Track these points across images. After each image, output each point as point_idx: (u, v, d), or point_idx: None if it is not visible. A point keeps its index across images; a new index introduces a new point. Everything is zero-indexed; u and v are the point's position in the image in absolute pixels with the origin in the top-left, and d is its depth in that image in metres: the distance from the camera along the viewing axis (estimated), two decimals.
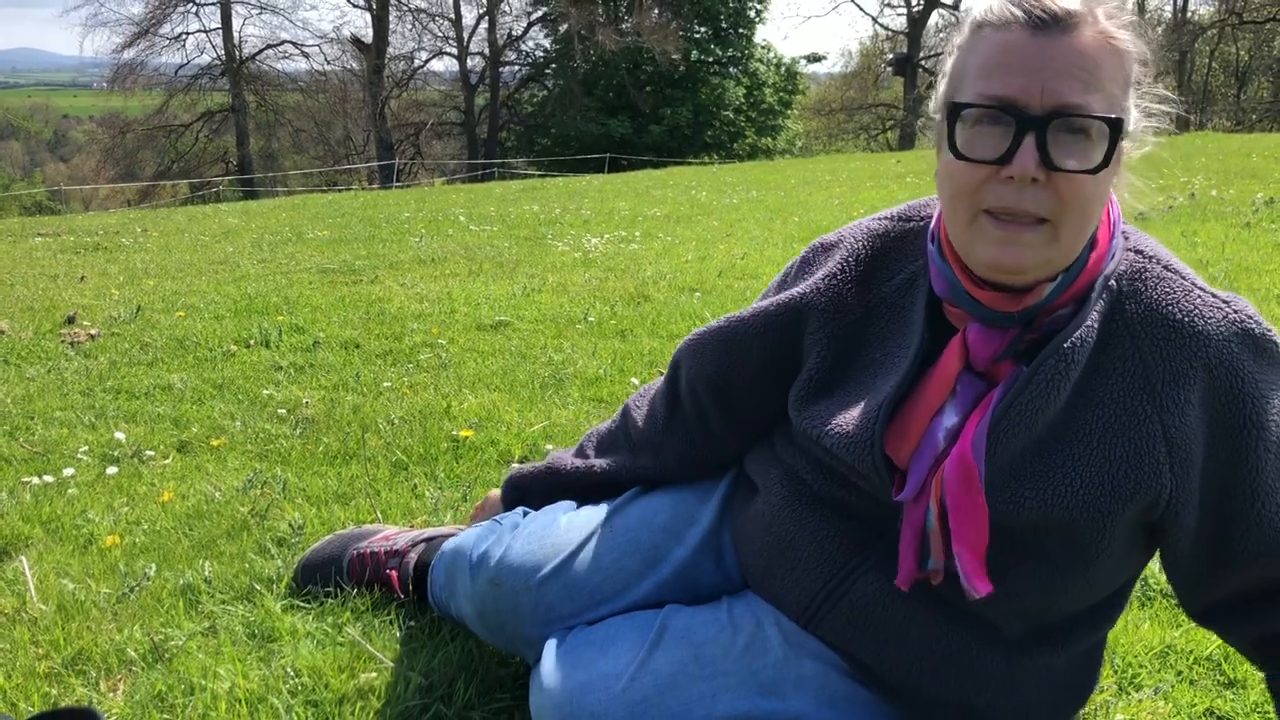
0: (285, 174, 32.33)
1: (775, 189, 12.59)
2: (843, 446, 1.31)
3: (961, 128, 1.14)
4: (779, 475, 1.47)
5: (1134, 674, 1.67)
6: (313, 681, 1.65)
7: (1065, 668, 1.36)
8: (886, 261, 1.39)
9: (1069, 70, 1.09)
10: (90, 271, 6.85)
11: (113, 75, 34.31)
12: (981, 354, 1.22)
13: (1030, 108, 1.10)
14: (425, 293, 5.37)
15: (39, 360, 4.10)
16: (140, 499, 2.54)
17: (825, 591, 1.37)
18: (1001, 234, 1.13)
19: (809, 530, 1.40)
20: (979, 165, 1.13)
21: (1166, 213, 7.53)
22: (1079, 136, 1.10)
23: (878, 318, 1.37)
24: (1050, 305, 1.20)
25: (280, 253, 7.67)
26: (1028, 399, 1.19)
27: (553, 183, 17.30)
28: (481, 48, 37.24)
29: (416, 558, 1.88)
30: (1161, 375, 1.18)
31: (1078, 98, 1.09)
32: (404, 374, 3.71)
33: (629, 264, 6.30)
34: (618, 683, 1.33)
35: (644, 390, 1.77)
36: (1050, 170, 1.10)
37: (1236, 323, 1.19)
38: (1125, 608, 1.43)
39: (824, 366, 1.39)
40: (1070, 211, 1.12)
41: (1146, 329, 1.19)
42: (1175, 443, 1.18)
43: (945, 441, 1.23)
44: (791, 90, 38.33)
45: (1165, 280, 1.22)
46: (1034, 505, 1.20)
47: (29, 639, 1.83)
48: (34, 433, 3.11)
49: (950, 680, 1.32)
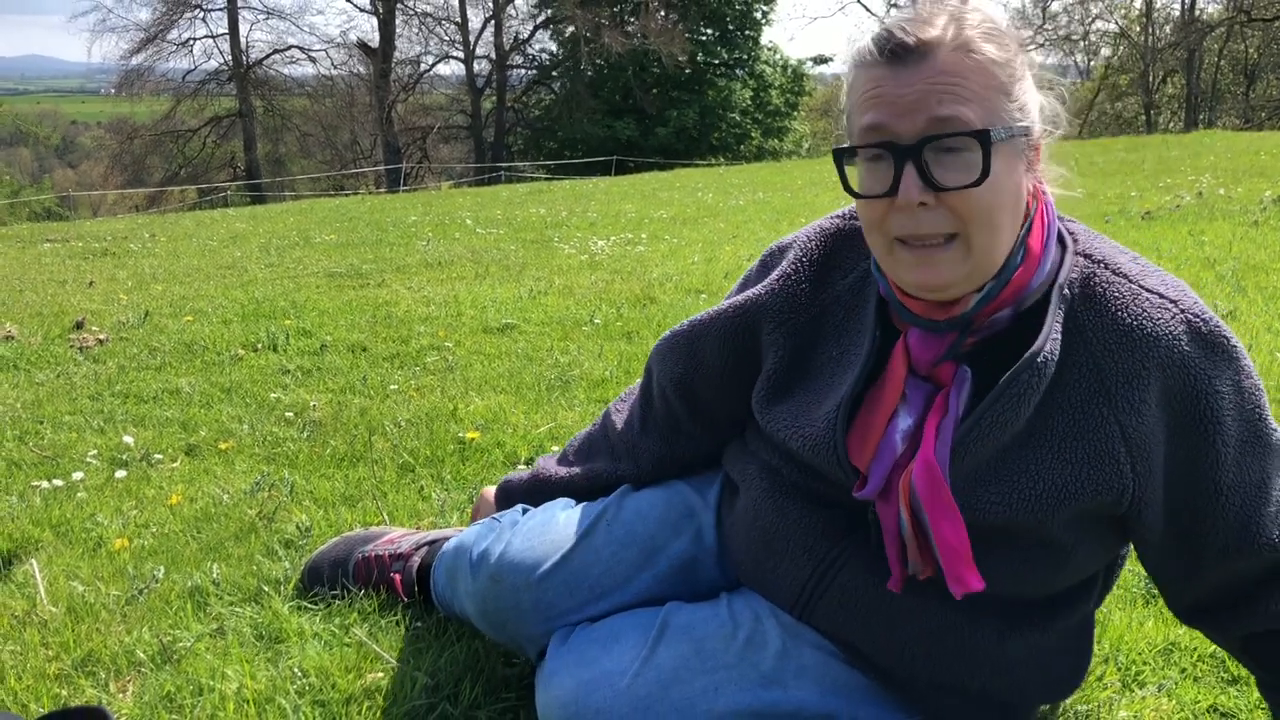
0: (293, 178, 32.42)
1: (782, 190, 12.60)
2: (807, 449, 1.35)
3: (855, 168, 1.22)
4: (756, 470, 1.50)
5: (1138, 671, 1.68)
6: (320, 682, 1.66)
7: (1057, 643, 1.38)
8: (839, 259, 1.44)
9: (931, 93, 1.13)
10: (99, 277, 6.88)
11: (120, 81, 34.48)
12: (922, 358, 1.27)
13: (903, 137, 1.15)
14: (432, 296, 5.39)
15: (48, 365, 4.12)
16: (149, 502, 2.55)
17: (814, 579, 1.39)
18: (914, 258, 1.19)
19: (792, 520, 1.42)
20: (876, 200, 1.19)
21: (1174, 211, 7.52)
22: (957, 154, 1.14)
23: (832, 315, 1.41)
24: (983, 311, 1.23)
25: (288, 257, 7.70)
26: (999, 411, 1.21)
27: (559, 185, 17.33)
28: (488, 51, 37.32)
29: (420, 561, 1.89)
30: (1115, 378, 1.20)
31: (946, 110, 1.13)
32: (411, 377, 3.73)
33: (635, 266, 6.31)
34: (622, 679, 1.35)
35: (624, 395, 1.82)
36: (937, 191, 1.15)
37: (1184, 321, 1.20)
38: (1111, 588, 1.46)
39: (782, 366, 1.44)
40: (974, 222, 1.16)
41: (1099, 335, 1.22)
42: (1134, 442, 1.20)
43: (903, 443, 1.26)
44: (798, 92, 38.31)
45: (1113, 284, 1.24)
46: (998, 509, 1.23)
47: (39, 641, 1.85)
48: (43, 437, 3.13)
49: (944, 661, 1.34)
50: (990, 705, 1.39)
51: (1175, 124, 36.74)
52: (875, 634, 1.36)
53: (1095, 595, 1.43)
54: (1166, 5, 38.85)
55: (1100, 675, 1.66)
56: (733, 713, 1.32)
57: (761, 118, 36.53)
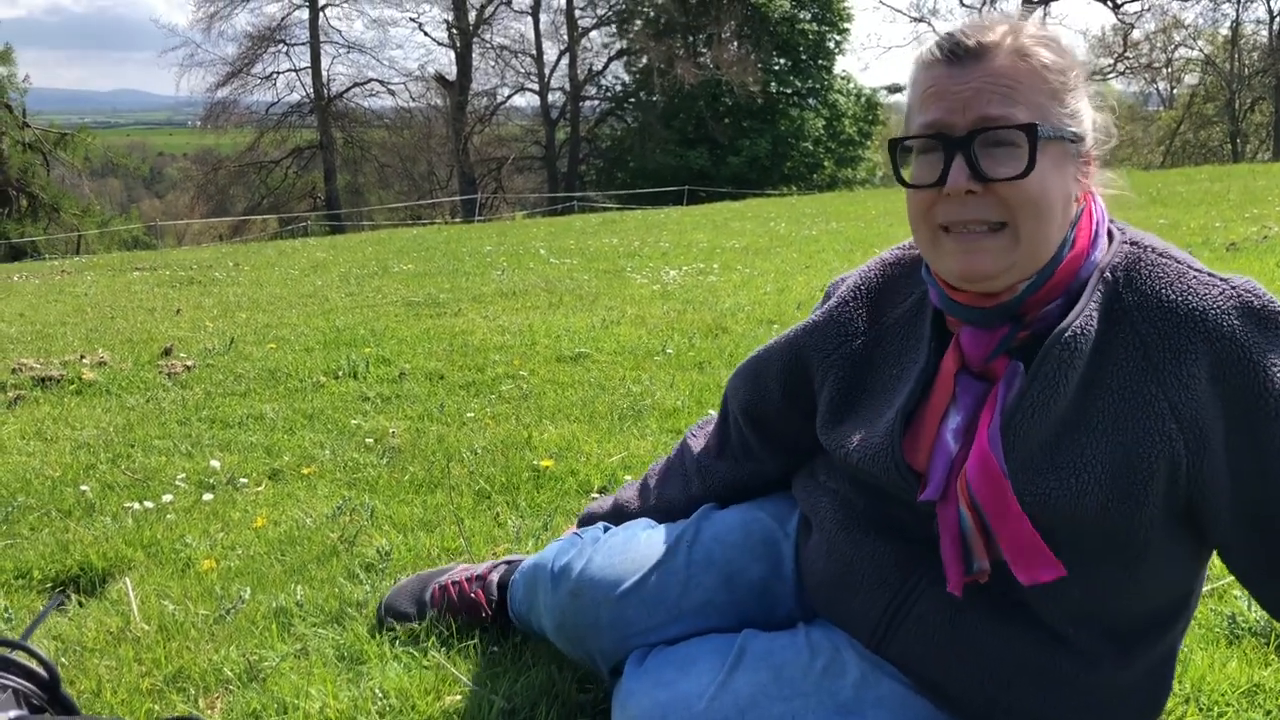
0: (371, 209, 33.06)
1: (855, 220, 12.55)
2: (867, 459, 1.38)
3: (908, 160, 1.28)
4: (828, 504, 1.52)
5: (1220, 712, 1.64)
6: (399, 703, 1.70)
7: (1135, 680, 1.36)
8: (897, 287, 1.48)
9: (985, 90, 1.20)
10: (185, 305, 7.09)
11: (206, 114, 35.60)
12: (974, 354, 1.29)
13: (955, 129, 1.21)
14: (507, 325, 5.47)
15: (138, 390, 4.27)
16: (235, 525, 2.63)
17: (890, 611, 1.39)
18: (959, 245, 1.24)
19: (866, 552, 1.43)
20: (926, 190, 1.25)
21: (1261, 243, 7.35)
22: (1007, 147, 1.20)
23: (890, 340, 1.45)
24: (1033, 299, 1.26)
25: (367, 286, 7.86)
26: (1037, 391, 1.23)
27: (631, 215, 17.44)
28: (562, 83, 37.82)
29: (498, 577, 1.93)
30: (1162, 354, 1.21)
31: (997, 110, 1.20)
32: (486, 405, 3.79)
33: (707, 296, 6.34)
34: (699, 702, 1.36)
35: (702, 422, 1.87)
36: (985, 181, 1.20)
37: (1234, 296, 1.21)
38: (1188, 622, 1.42)
39: (842, 389, 1.47)
40: (1022, 211, 1.21)
41: (1144, 313, 1.23)
42: (1184, 417, 1.19)
43: (955, 442, 1.29)
44: (871, 121, 38.18)
45: (1159, 265, 1.26)
46: (1059, 496, 1.22)
47: (133, 657, 1.92)
48: (134, 460, 3.24)
49: (1021, 693, 1.33)
50: None
51: (1264, 153, 35.87)
52: (952, 666, 1.35)
53: (1175, 629, 1.39)
54: (1255, 31, 37.93)
55: (1182, 716, 1.63)
56: None
57: (834, 147, 36.46)
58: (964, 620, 1.33)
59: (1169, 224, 8.85)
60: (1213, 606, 1.96)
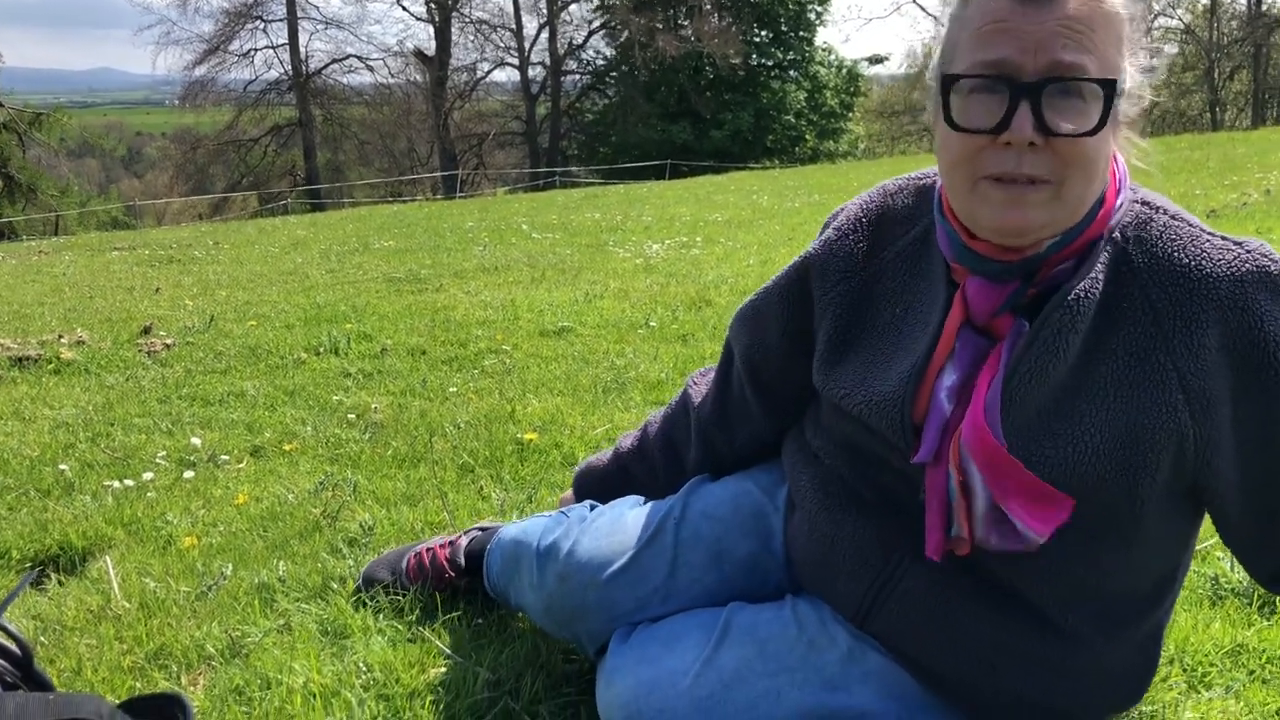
0: (351, 186, 32.92)
1: (838, 192, 12.53)
2: (871, 410, 1.31)
3: (956, 98, 1.15)
4: (809, 480, 1.47)
5: (1204, 673, 1.65)
6: (384, 676, 1.69)
7: (1121, 657, 1.34)
8: (899, 217, 1.40)
9: (1060, 34, 1.09)
10: (165, 283, 7.04)
11: (184, 92, 35.24)
12: (981, 308, 1.22)
13: (1023, 73, 1.10)
14: (489, 300, 5.44)
15: (118, 369, 4.23)
16: (216, 502, 2.61)
17: (874, 590, 1.36)
18: (1005, 195, 1.13)
19: (847, 531, 1.39)
20: (976, 135, 1.13)
21: (1241, 209, 7.37)
22: (1074, 99, 1.10)
23: (892, 273, 1.37)
24: (1051, 258, 1.19)
25: (348, 263, 7.81)
26: (1036, 354, 1.18)
27: (614, 190, 17.38)
28: (543, 57, 37.58)
29: (468, 541, 1.92)
30: (1172, 321, 1.16)
31: (1071, 57, 1.09)
32: (469, 379, 3.77)
33: (690, 269, 6.32)
34: (684, 679, 1.35)
35: (704, 370, 1.80)
36: (1047, 135, 1.11)
37: (1248, 262, 1.16)
38: (1177, 596, 1.40)
39: (840, 325, 1.40)
40: (1073, 172, 1.12)
41: (1154, 276, 1.18)
42: (1191, 388, 1.15)
43: (949, 402, 1.23)
44: (853, 93, 38.07)
45: (1171, 227, 1.20)
46: (1058, 463, 1.17)
47: (114, 635, 1.90)
48: (114, 439, 3.22)
49: (1006, 671, 1.31)
50: (1054, 716, 1.36)
51: (1242, 121, 35.95)
52: (935, 643, 1.33)
53: (1162, 606, 1.37)
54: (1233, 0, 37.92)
55: (1166, 676, 1.64)
56: (795, 715, 1.31)
57: (816, 119, 36.35)
58: (948, 601, 1.31)
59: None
60: (1196, 568, 1.97)
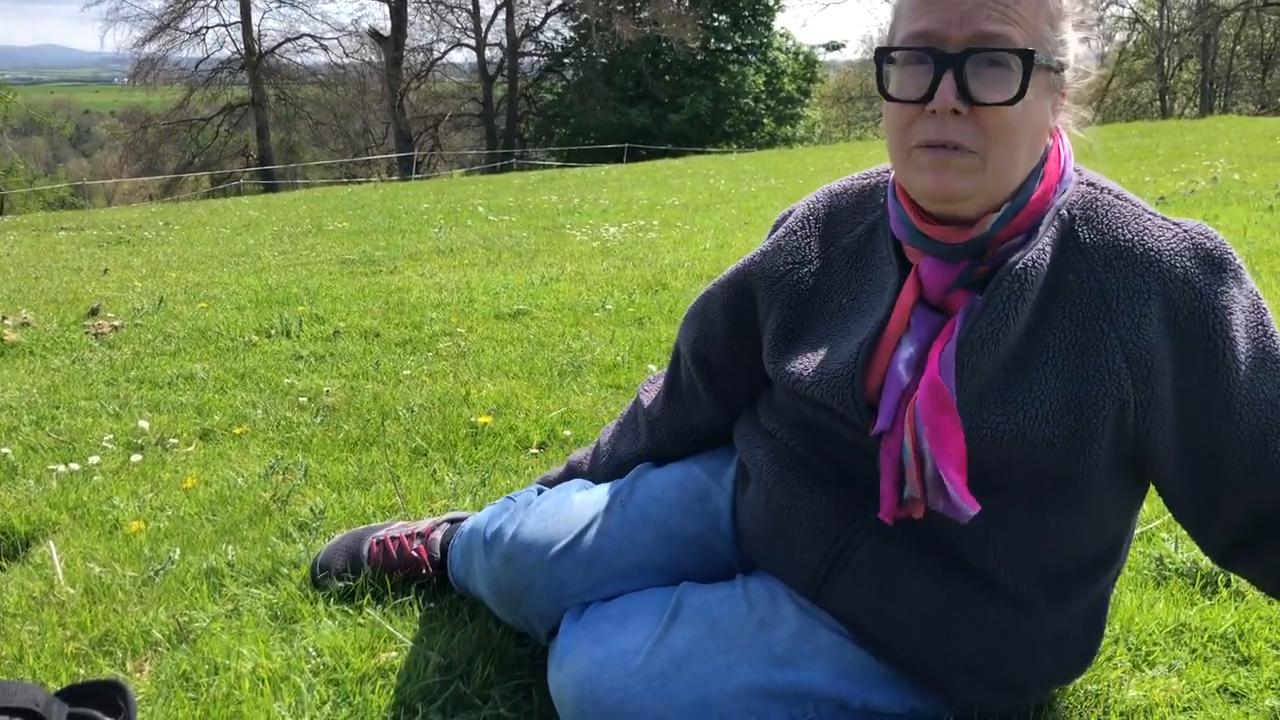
0: (305, 166, 32.53)
1: (794, 177, 12.56)
2: (822, 388, 1.35)
3: (892, 71, 1.23)
4: (765, 454, 1.50)
5: (1148, 651, 1.68)
6: (334, 661, 1.68)
7: (1068, 625, 1.38)
8: (846, 215, 1.45)
9: (985, 5, 1.15)
10: (113, 265, 6.92)
11: (134, 70, 34.53)
12: (934, 285, 1.27)
13: (948, 43, 1.16)
14: (444, 282, 5.40)
15: (64, 351, 4.15)
16: (164, 486, 2.58)
17: (829, 560, 1.38)
18: (932, 160, 1.19)
19: (804, 502, 1.42)
20: (908, 105, 1.20)
21: (1189, 196, 7.48)
22: (999, 69, 1.16)
23: (838, 267, 1.43)
24: (998, 236, 1.24)
25: (301, 244, 7.72)
26: (987, 321, 1.23)
27: (571, 173, 17.32)
28: (499, 39, 37.28)
29: (441, 536, 1.91)
30: (1116, 294, 1.21)
31: (995, 27, 1.15)
32: (423, 362, 3.74)
33: (647, 253, 6.31)
34: (636, 658, 1.35)
35: (654, 377, 1.84)
36: (971, 104, 1.16)
37: (1186, 240, 1.22)
38: (1121, 567, 1.44)
39: (789, 316, 1.44)
40: (995, 141, 1.17)
41: (1099, 251, 1.23)
42: (1134, 357, 1.20)
43: (907, 374, 1.27)
44: (810, 78, 38.13)
45: (1115, 206, 1.26)
46: (1006, 431, 1.22)
47: (57, 621, 1.87)
48: (60, 422, 3.16)
49: (957, 640, 1.34)
50: (1003, 687, 1.39)
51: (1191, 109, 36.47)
52: (889, 614, 1.35)
53: (1108, 575, 1.41)
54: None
55: (1110, 655, 1.66)
56: (745, 692, 1.33)
57: (774, 104, 36.37)
58: (900, 569, 1.33)
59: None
60: (1142, 549, 2.00)
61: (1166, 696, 1.56)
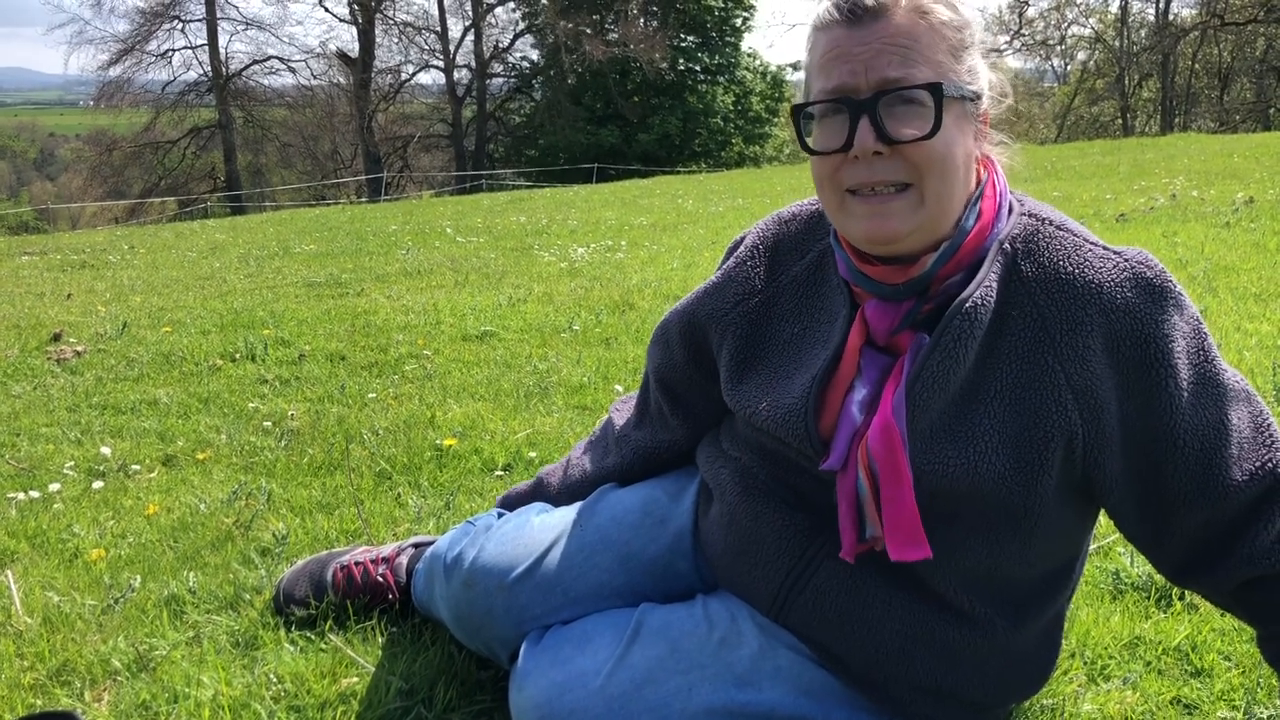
0: (273, 189, 32.32)
1: (762, 196, 12.63)
2: (775, 423, 1.37)
3: (812, 126, 1.27)
4: (729, 475, 1.51)
5: (1103, 665, 1.70)
6: (295, 687, 1.67)
7: (1026, 643, 1.39)
8: (795, 243, 1.48)
9: (884, 52, 1.20)
10: (77, 289, 6.86)
11: (99, 93, 34.23)
12: (879, 327, 1.29)
13: (859, 92, 1.21)
14: (411, 304, 5.39)
15: (25, 378, 4.11)
16: (126, 513, 2.56)
17: (790, 581, 1.39)
18: (866, 208, 1.23)
19: (766, 523, 1.43)
20: (832, 155, 1.24)
21: (1148, 213, 7.58)
22: (912, 106, 1.20)
23: (788, 296, 1.45)
24: (939, 274, 1.26)
25: (267, 267, 7.69)
26: (938, 359, 1.24)
27: (540, 194, 17.33)
28: (468, 60, 37.29)
29: (407, 561, 1.90)
30: (1059, 326, 1.23)
31: (897, 72, 1.19)
32: (389, 385, 3.73)
33: (614, 273, 6.33)
34: (596, 679, 1.36)
35: (626, 397, 1.87)
36: (891, 144, 1.20)
37: (1127, 269, 1.24)
38: (1076, 586, 1.46)
39: (741, 346, 1.47)
40: (928, 173, 1.21)
41: (1042, 285, 1.25)
42: (1079, 388, 1.22)
43: (860, 414, 1.28)
44: (778, 98, 38.39)
45: (1057, 238, 1.28)
46: (958, 465, 1.24)
47: (14, 651, 1.85)
48: (20, 449, 3.13)
49: (917, 661, 1.35)
50: (963, 705, 1.40)
51: (1151, 127, 36.97)
52: (850, 634, 1.36)
53: (1064, 593, 1.43)
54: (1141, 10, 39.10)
55: (1066, 669, 1.68)
56: (706, 712, 1.33)
57: (743, 124, 36.60)
58: (861, 591, 1.35)
59: (1063, 196, 9.08)
60: (1098, 564, 2.03)
61: (1121, 710, 1.58)
